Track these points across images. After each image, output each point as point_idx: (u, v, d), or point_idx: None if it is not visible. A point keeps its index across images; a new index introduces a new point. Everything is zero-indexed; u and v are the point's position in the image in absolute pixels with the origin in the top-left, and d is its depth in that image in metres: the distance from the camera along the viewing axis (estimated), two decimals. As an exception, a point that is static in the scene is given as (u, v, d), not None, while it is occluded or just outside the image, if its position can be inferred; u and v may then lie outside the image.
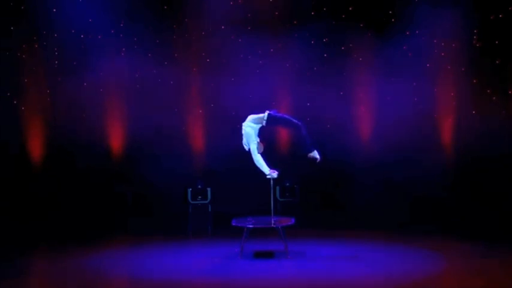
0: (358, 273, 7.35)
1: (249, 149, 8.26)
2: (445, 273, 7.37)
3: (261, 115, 8.32)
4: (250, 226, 8.10)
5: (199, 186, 12.95)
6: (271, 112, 8.32)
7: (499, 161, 12.45)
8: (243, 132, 8.33)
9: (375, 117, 13.05)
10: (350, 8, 12.92)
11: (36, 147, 12.82)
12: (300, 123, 8.28)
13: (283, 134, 12.98)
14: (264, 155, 8.27)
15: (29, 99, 12.78)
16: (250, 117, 8.36)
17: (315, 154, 8.34)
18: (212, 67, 13.01)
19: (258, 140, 8.28)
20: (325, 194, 12.97)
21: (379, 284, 6.92)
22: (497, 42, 12.56)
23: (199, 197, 12.94)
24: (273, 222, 8.21)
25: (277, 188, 12.88)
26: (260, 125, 8.33)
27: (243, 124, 8.35)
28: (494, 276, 7.07)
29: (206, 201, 12.95)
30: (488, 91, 12.67)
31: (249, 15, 12.72)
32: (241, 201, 11.99)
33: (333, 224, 11.21)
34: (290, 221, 8.27)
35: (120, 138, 13.07)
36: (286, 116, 8.44)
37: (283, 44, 12.90)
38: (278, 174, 8.25)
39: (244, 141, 8.33)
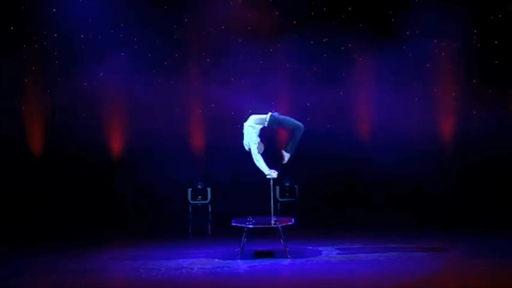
0: (358, 273, 7.35)
1: (249, 149, 8.25)
2: (445, 274, 7.37)
3: (263, 116, 8.30)
4: (250, 226, 8.10)
5: (199, 186, 12.95)
6: (273, 113, 8.30)
7: (499, 161, 12.46)
8: (244, 132, 8.32)
9: (375, 117, 13.06)
10: (350, 8, 12.92)
11: (36, 147, 12.83)
12: (302, 124, 8.27)
13: (284, 134, 12.98)
14: (264, 155, 8.26)
15: (29, 99, 12.79)
16: (253, 117, 8.34)
17: (286, 157, 8.31)
18: (212, 67, 13.01)
19: (259, 140, 8.27)
20: (325, 194, 12.96)
21: (379, 284, 6.92)
22: (497, 42, 12.57)
23: (199, 197, 12.94)
24: (273, 222, 8.20)
25: (277, 188, 12.88)
26: (262, 126, 8.32)
27: (245, 124, 8.34)
28: (495, 276, 7.06)
29: (206, 201, 12.96)
30: (489, 91, 12.68)
31: (249, 15, 12.72)
32: (241, 201, 11.99)
33: (333, 224, 11.20)
34: (290, 221, 8.26)
35: (120, 138, 13.08)
36: (289, 118, 8.41)
37: (283, 44, 12.90)
38: (278, 174, 8.24)
39: (245, 141, 8.31)
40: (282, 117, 8.35)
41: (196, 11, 12.72)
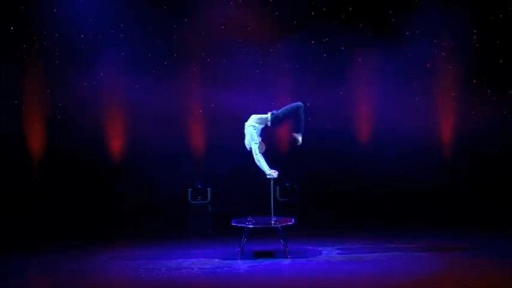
0: (358, 273, 7.35)
1: (251, 149, 8.25)
2: (445, 274, 7.37)
3: (264, 116, 8.29)
4: (250, 226, 8.10)
5: (199, 186, 12.95)
6: (273, 112, 8.31)
7: (499, 161, 12.48)
8: (245, 131, 8.31)
9: (375, 117, 13.06)
10: (350, 8, 12.93)
11: (36, 147, 12.83)
12: (300, 103, 8.32)
13: (284, 134, 12.98)
14: (264, 154, 8.26)
15: (29, 99, 12.79)
16: (254, 116, 8.33)
17: (299, 137, 8.35)
18: (212, 67, 13.02)
19: (260, 139, 8.28)
20: (326, 194, 12.95)
21: (379, 284, 6.92)
22: (497, 42, 12.57)
23: (199, 197, 12.94)
24: (273, 222, 8.20)
25: (277, 188, 12.88)
26: (263, 126, 8.32)
27: (246, 124, 8.33)
28: (495, 276, 7.06)
29: (206, 201, 12.96)
30: (488, 91, 12.69)
31: (249, 15, 12.73)
32: (241, 201, 11.99)
33: (333, 224, 11.20)
34: (290, 221, 8.26)
35: (120, 138, 13.08)
36: (285, 107, 8.41)
37: (283, 44, 12.90)
38: (278, 174, 8.24)
39: (246, 140, 8.31)
40: (280, 111, 8.35)
41: (196, 11, 12.72)
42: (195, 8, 12.70)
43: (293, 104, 8.37)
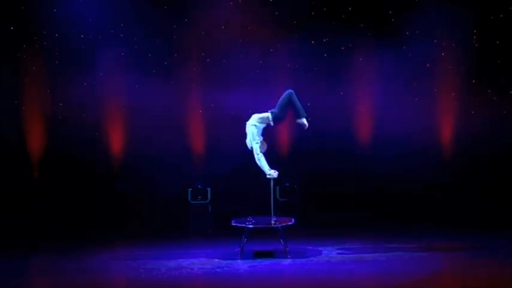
0: (359, 274, 7.35)
1: (252, 148, 8.25)
2: (445, 274, 7.37)
3: (265, 115, 8.29)
4: (250, 226, 8.10)
5: (199, 186, 12.95)
6: (272, 110, 8.33)
7: (498, 161, 12.48)
8: (247, 131, 8.31)
9: (375, 117, 13.06)
10: (350, 8, 12.93)
11: (35, 147, 12.82)
12: (288, 90, 8.36)
13: (283, 134, 12.98)
14: (264, 154, 8.26)
15: (29, 99, 12.79)
16: (255, 116, 8.34)
17: (304, 121, 8.38)
18: (212, 67, 13.02)
19: (261, 139, 8.28)
20: (325, 194, 12.95)
21: (379, 284, 6.92)
22: (497, 42, 12.58)
23: (199, 197, 12.94)
24: (273, 222, 8.21)
25: (277, 188, 12.88)
26: (265, 125, 8.32)
27: (247, 123, 8.34)
28: (495, 276, 7.06)
29: (206, 201, 12.96)
30: (489, 91, 12.70)
31: (249, 15, 12.73)
32: (241, 201, 11.99)
33: (333, 224, 11.20)
34: (290, 221, 8.27)
35: (120, 138, 13.08)
36: (279, 102, 8.41)
37: (283, 44, 12.90)
38: (278, 174, 8.24)
39: (247, 140, 8.31)
40: (277, 108, 8.36)
41: (196, 11, 12.72)
42: (195, 8, 12.70)
43: (283, 96, 8.39)
